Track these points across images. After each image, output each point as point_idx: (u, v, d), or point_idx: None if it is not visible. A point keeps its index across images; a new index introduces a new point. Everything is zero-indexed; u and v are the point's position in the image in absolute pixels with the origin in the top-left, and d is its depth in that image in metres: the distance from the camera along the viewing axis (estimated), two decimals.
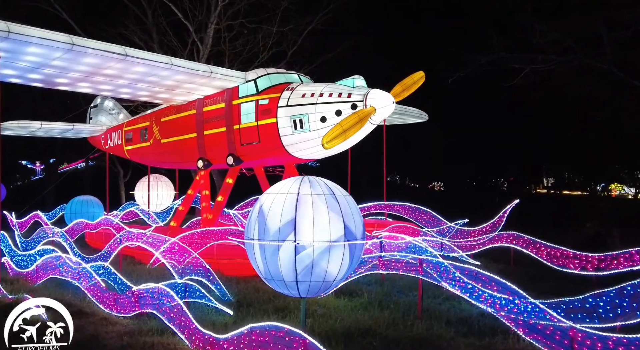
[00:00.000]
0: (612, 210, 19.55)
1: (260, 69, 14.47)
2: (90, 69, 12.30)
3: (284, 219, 6.70)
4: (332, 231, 6.67)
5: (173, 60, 12.71)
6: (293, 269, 6.66)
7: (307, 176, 7.30)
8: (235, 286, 10.79)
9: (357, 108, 12.26)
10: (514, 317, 7.24)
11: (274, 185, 7.47)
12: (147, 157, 18.73)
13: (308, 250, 6.59)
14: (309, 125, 12.87)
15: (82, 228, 17.35)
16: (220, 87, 14.57)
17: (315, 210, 6.69)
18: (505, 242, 12.48)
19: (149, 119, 18.01)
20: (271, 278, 6.94)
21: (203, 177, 15.62)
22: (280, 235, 6.66)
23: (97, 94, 15.07)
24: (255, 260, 7.02)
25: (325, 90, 12.83)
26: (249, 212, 7.84)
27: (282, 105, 13.32)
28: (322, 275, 6.75)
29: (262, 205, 7.02)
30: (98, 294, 9.46)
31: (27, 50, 10.81)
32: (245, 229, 7.33)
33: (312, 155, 13.86)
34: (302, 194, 6.84)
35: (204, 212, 15.06)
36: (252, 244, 6.99)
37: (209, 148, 15.31)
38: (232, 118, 14.46)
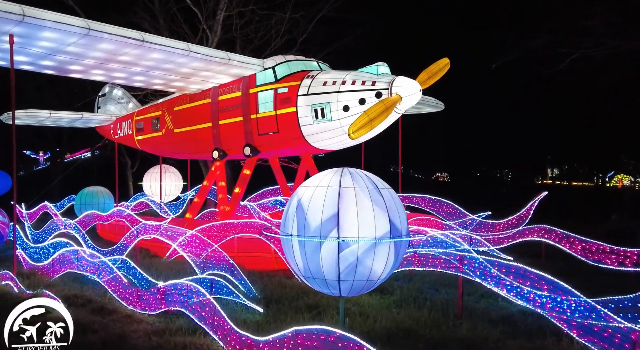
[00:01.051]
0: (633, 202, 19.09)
1: (278, 56, 13.97)
2: (105, 55, 11.84)
3: (325, 214, 6.28)
4: (378, 227, 6.26)
5: (191, 47, 12.23)
6: (336, 268, 6.26)
7: (346, 168, 6.87)
8: (259, 281, 10.41)
9: (382, 96, 11.81)
10: (566, 318, 6.85)
11: (311, 177, 7.05)
12: (159, 147, 18.29)
13: (352, 248, 6.18)
14: (331, 115, 12.42)
15: (93, 219, 16.97)
16: (237, 75, 14.10)
17: (359, 205, 6.27)
18: (536, 235, 12.05)
19: (160, 108, 17.55)
20: (311, 276, 6.53)
21: (219, 168, 15.19)
22: (322, 232, 6.24)
23: (110, 82, 14.64)
24: (294, 257, 6.61)
25: (348, 77, 12.35)
26: (275, 204, 7.42)
27: (302, 94, 12.86)
28: (366, 274, 6.35)
29: (301, 199, 6.60)
30: (120, 290, 9.08)
31: (42, 35, 10.35)
32: (282, 224, 6.92)
33: (332, 145, 13.41)
34: (344, 187, 6.42)
35: (221, 204, 14.66)
36: (290, 240, 6.57)
37: (225, 138, 14.88)
38: (249, 107, 14.01)
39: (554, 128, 62.97)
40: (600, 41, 18.98)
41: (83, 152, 52.05)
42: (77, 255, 10.61)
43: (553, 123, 60.62)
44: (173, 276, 10.67)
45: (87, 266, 10.26)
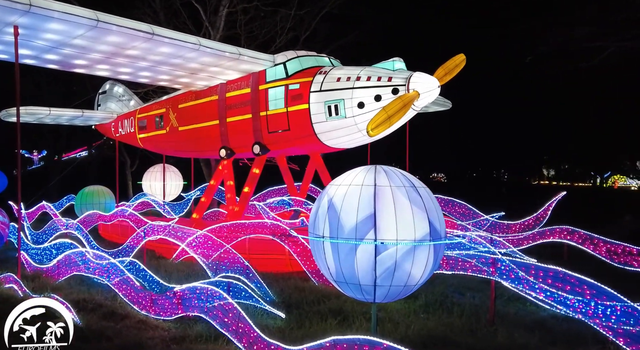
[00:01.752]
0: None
1: (289, 52, 13.56)
2: (112, 49, 11.39)
3: (361, 214, 5.88)
4: (417, 229, 5.86)
5: (201, 41, 11.80)
6: (372, 272, 5.86)
7: (379, 165, 6.48)
8: (275, 284, 9.99)
9: (398, 93, 11.45)
10: (612, 325, 6.49)
11: (341, 176, 6.64)
12: (163, 145, 17.83)
13: (390, 251, 5.79)
14: (345, 112, 12.04)
15: (95, 220, 16.50)
16: (246, 70, 13.68)
17: (396, 205, 5.88)
18: (558, 237, 11.71)
19: (164, 106, 17.10)
20: (344, 281, 6.13)
21: (226, 166, 14.76)
22: (357, 233, 5.85)
23: (114, 77, 14.16)
24: (325, 260, 6.21)
25: (363, 73, 11.97)
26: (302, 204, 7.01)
27: (314, 90, 12.47)
28: (404, 279, 5.96)
29: (333, 199, 6.19)
30: (132, 293, 8.65)
31: (48, 26, 9.89)
32: (311, 225, 6.52)
33: (346, 143, 13.02)
34: (379, 185, 6.02)
35: (229, 204, 14.23)
36: (321, 243, 6.17)
37: (233, 136, 14.46)
38: (258, 104, 13.60)
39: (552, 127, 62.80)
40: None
41: (79, 151, 51.34)
42: (84, 257, 10.16)
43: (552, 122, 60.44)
44: (184, 279, 10.25)
45: (95, 269, 9.81)
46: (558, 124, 59.10)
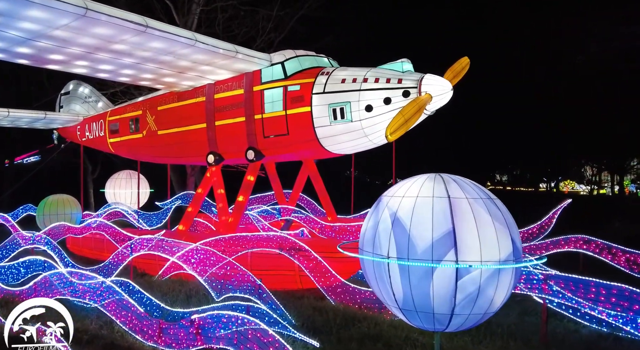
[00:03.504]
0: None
1: (288, 51, 12.66)
2: (97, 42, 10.15)
3: (437, 231, 5.08)
4: (501, 248, 5.11)
5: (197, 36, 10.74)
6: (451, 299, 5.07)
7: (442, 174, 5.71)
8: (289, 305, 9.00)
9: (409, 95, 10.83)
10: None
11: (395, 186, 5.82)
12: (138, 150, 16.45)
13: (473, 275, 5.01)
14: (351, 115, 11.28)
15: (63, 232, 14.96)
16: (240, 70, 12.68)
17: (477, 220, 5.11)
18: (573, 246, 11.30)
19: (141, 108, 15.79)
20: (413, 309, 5.30)
21: (215, 173, 13.63)
22: (434, 254, 5.04)
23: (93, 75, 12.78)
24: (390, 285, 5.36)
25: (370, 75, 11.27)
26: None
27: (317, 92, 11.65)
28: (485, 307, 5.20)
29: (397, 212, 5.36)
30: (134, 321, 7.48)
31: (27, 13, 8.59)
32: (366, 243, 5.65)
33: (349, 149, 12.25)
34: (454, 197, 5.24)
35: (222, 214, 13.10)
36: (385, 265, 5.32)
37: (222, 141, 13.39)
38: (252, 106, 12.62)
39: (505, 133, 64.16)
40: None
41: (25, 157, 47.95)
42: (68, 279, 8.84)
43: (506, 128, 61.68)
44: (185, 301, 9.14)
45: (84, 291, 8.54)
46: (511, 129, 60.46)
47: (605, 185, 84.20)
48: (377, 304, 8.70)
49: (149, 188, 25.16)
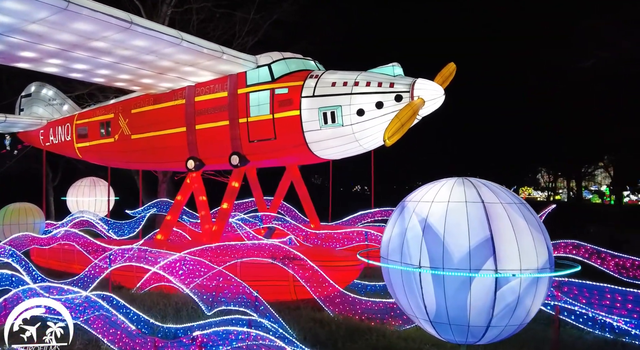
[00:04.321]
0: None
1: (274, 53, 12.25)
2: (76, 39, 9.47)
3: (474, 238, 4.80)
4: (539, 255, 4.88)
5: (183, 35, 10.21)
6: (489, 310, 4.78)
7: (468, 178, 5.45)
8: (285, 317, 8.53)
9: (402, 100, 10.64)
10: None
11: (420, 190, 5.51)
12: (110, 156, 15.58)
13: (512, 284, 4.75)
14: (342, 119, 10.97)
15: (27, 243, 14.02)
16: (224, 72, 12.18)
17: (515, 226, 4.86)
18: (563, 252, 11.28)
19: (113, 111, 14.99)
20: (446, 322, 4.98)
21: (195, 180, 13.01)
22: (472, 263, 4.74)
23: (64, 75, 11.97)
24: (421, 296, 5.02)
25: (361, 78, 11.01)
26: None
27: (306, 95, 11.29)
28: (522, 317, 4.94)
29: (428, 219, 5.04)
30: (124, 339, 6.86)
31: (1, 4, 7.87)
32: (393, 252, 5.31)
33: (338, 154, 11.92)
34: (488, 202, 4.98)
35: (205, 223, 12.47)
36: (417, 275, 4.99)
37: (203, 145, 12.81)
38: (237, 110, 12.13)
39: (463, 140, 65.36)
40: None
41: None
42: (46, 294, 8.09)
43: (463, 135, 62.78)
44: (174, 316, 8.55)
45: (66, 308, 7.81)
46: (469, 137, 61.67)
47: (560, 191, 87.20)
48: (379, 315, 8.37)
49: (114, 195, 24.14)
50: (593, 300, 6.80)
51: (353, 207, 17.53)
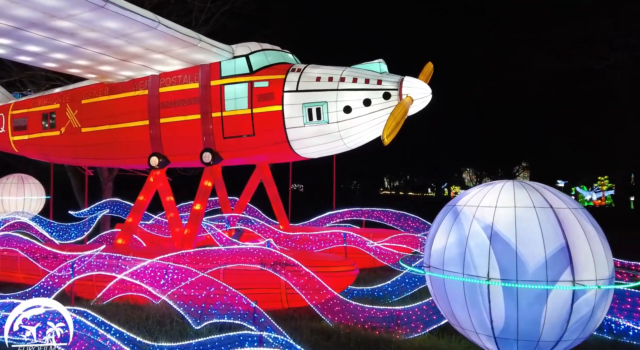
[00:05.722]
0: None
1: (252, 43, 11.47)
2: (36, 16, 8.22)
3: (549, 247, 4.45)
4: (609, 264, 4.62)
5: (160, 19, 9.20)
6: (564, 324, 4.45)
7: (523, 181, 5.11)
8: (285, 329, 7.87)
9: (390, 97, 10.28)
10: None
11: (476, 193, 5.10)
12: (54, 150, 14.00)
13: (588, 296, 4.47)
14: (328, 116, 10.44)
15: None
16: (195, 61, 11.21)
17: (587, 234, 4.57)
18: None
19: (58, 100, 13.48)
20: (514, 337, 4.59)
21: (159, 178, 11.91)
22: (548, 274, 4.39)
23: (10, 58, 10.50)
24: (488, 311, 4.61)
25: (347, 74, 10.53)
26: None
27: (289, 90, 10.64)
28: (591, 329, 4.69)
29: (495, 226, 4.64)
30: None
31: None
32: (450, 262, 4.85)
33: (321, 152, 11.33)
34: (556, 207, 4.65)
35: (174, 225, 11.41)
36: (483, 287, 4.56)
37: (168, 141, 11.76)
38: (210, 103, 11.22)
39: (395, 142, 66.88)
40: None
41: None
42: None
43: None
44: (160, 332, 7.64)
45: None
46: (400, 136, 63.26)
47: None
48: (384, 323, 7.92)
49: (44, 194, 22.12)
50: (613, 304, 6.73)
51: (310, 207, 17.01)
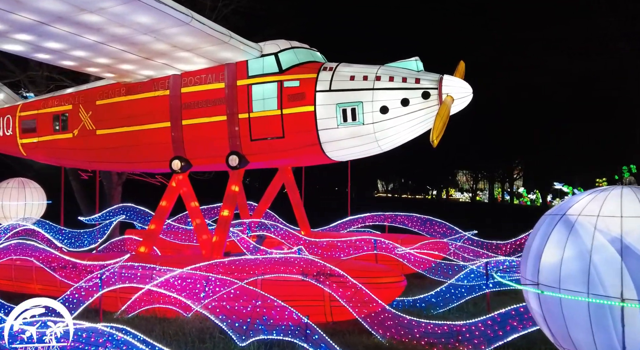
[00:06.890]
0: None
1: (281, 41, 10.89)
2: (64, 9, 7.59)
3: None
4: None
5: (193, 14, 8.61)
6: None
7: (634, 186, 4.61)
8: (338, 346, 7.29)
9: (429, 97, 9.77)
10: None
11: (590, 202, 4.56)
12: (65, 154, 13.29)
13: None
14: (363, 117, 9.91)
15: None
16: (223, 60, 10.63)
17: None
18: None
19: (71, 101, 12.81)
20: None
21: (182, 182, 11.28)
22: None
23: (27, 56, 9.84)
24: (621, 335, 4.07)
25: (382, 73, 10.01)
26: None
27: (322, 90, 10.09)
28: None
29: (625, 238, 4.11)
30: None
31: None
32: (569, 279, 4.31)
33: (353, 155, 10.82)
34: None
35: (201, 232, 10.78)
36: (615, 309, 4.03)
37: (191, 143, 11.15)
38: (236, 104, 10.64)
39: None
40: None
41: None
42: None
43: None
44: None
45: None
46: None
47: (480, 193, 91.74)
48: (443, 339, 7.37)
49: (45, 199, 21.35)
50: None
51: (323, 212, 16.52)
